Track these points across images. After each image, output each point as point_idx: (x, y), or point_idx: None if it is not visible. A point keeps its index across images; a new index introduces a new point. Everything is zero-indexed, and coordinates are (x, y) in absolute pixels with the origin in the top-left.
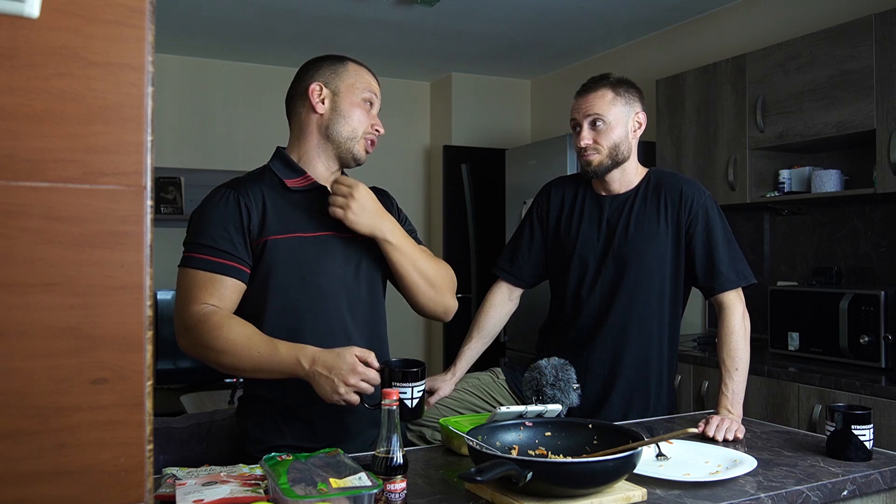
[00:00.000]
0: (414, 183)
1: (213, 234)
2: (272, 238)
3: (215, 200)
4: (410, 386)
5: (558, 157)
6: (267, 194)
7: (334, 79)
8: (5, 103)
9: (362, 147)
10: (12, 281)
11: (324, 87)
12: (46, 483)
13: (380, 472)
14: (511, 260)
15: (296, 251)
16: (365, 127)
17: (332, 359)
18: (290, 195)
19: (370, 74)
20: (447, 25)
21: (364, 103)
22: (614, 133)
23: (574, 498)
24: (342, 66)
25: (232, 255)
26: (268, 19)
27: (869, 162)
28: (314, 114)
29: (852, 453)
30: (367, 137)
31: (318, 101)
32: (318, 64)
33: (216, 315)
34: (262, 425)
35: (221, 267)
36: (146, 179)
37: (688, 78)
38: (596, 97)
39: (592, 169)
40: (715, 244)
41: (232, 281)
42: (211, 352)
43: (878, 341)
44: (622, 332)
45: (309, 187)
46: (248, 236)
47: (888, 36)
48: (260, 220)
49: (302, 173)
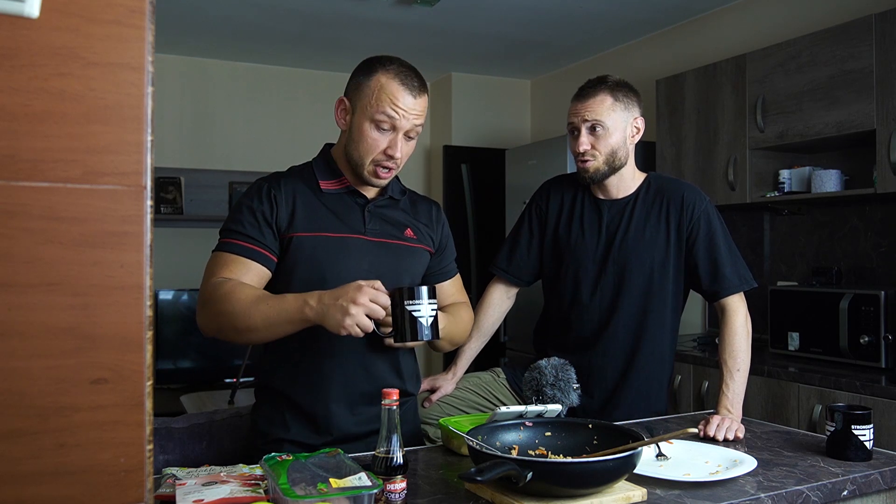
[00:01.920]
0: (414, 183)
1: (244, 221)
2: (298, 235)
3: (251, 191)
4: (423, 303)
5: (558, 157)
6: (300, 191)
7: (355, 93)
8: (5, 103)
9: (371, 173)
10: (12, 281)
11: (346, 102)
12: (46, 483)
13: (380, 472)
14: (509, 258)
15: (320, 249)
16: (373, 153)
17: (337, 289)
18: (323, 195)
19: (400, 87)
20: (447, 25)
21: (374, 128)
22: (612, 139)
23: (574, 498)
24: (367, 78)
25: (260, 241)
26: (268, 19)
27: (869, 162)
28: (342, 129)
29: (852, 453)
30: (377, 163)
31: (340, 118)
32: (355, 73)
33: (229, 283)
34: (269, 418)
35: (249, 251)
36: (146, 179)
37: (688, 78)
38: (595, 102)
39: (589, 175)
40: (717, 249)
41: (257, 266)
42: (223, 316)
43: (878, 341)
44: (625, 336)
45: (342, 190)
46: (276, 229)
47: (888, 36)
48: (289, 216)
49: (338, 176)
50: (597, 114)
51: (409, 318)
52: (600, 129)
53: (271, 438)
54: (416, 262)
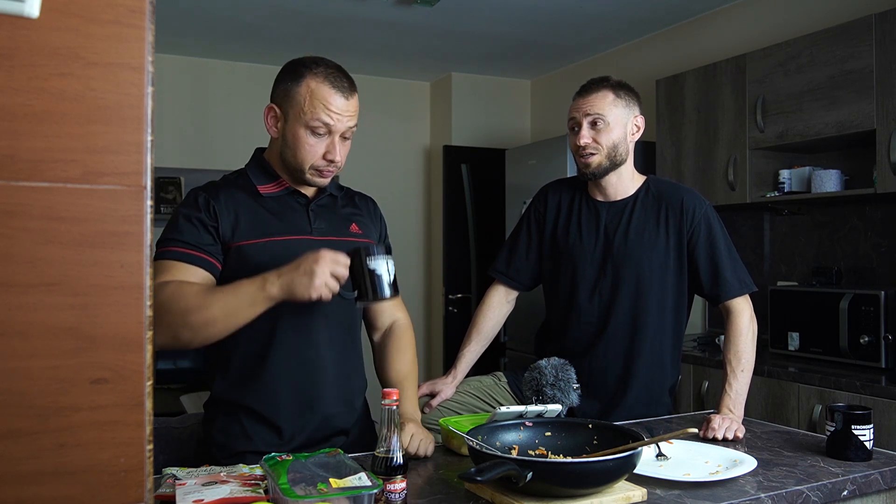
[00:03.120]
0: (414, 183)
1: (182, 229)
2: (244, 243)
3: (187, 203)
4: (385, 258)
5: (558, 157)
6: (240, 198)
7: (285, 101)
8: (5, 103)
9: (313, 176)
10: (12, 281)
11: (276, 109)
12: (46, 483)
13: (380, 472)
14: (508, 263)
15: (267, 254)
16: (312, 159)
17: (295, 261)
18: (264, 200)
19: (331, 90)
20: (447, 25)
21: (310, 133)
22: (614, 133)
23: (574, 498)
24: (296, 84)
25: (201, 248)
26: (268, 19)
27: (869, 162)
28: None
29: (852, 453)
30: (317, 168)
31: (271, 126)
32: (280, 79)
33: (170, 284)
34: (227, 430)
35: (191, 257)
36: (146, 179)
37: (688, 78)
38: (597, 97)
39: (591, 170)
40: (718, 253)
41: (201, 272)
42: (171, 316)
43: (878, 341)
44: (622, 339)
45: (282, 192)
46: (218, 238)
47: (888, 36)
48: (231, 225)
49: (276, 178)
50: (598, 108)
51: (369, 275)
52: (602, 123)
53: (234, 451)
54: None
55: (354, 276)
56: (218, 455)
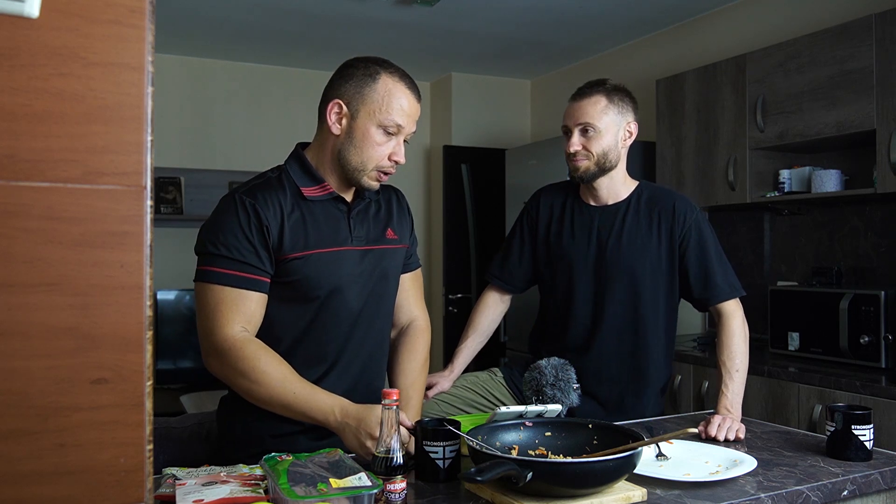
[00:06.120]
0: (414, 183)
1: (233, 244)
2: (289, 257)
3: (233, 209)
4: (442, 445)
5: (558, 157)
6: (284, 205)
7: (357, 99)
8: (5, 103)
9: (371, 179)
10: (12, 281)
11: (344, 106)
12: (46, 483)
13: (380, 472)
14: (502, 267)
15: (312, 267)
16: (377, 161)
17: (362, 411)
18: (307, 204)
19: (407, 91)
20: (447, 25)
21: (382, 133)
22: (604, 140)
23: (574, 498)
24: (371, 83)
25: (255, 267)
26: (268, 19)
27: (869, 162)
28: (331, 133)
29: (852, 453)
30: (380, 170)
31: (334, 122)
32: (350, 75)
33: (252, 344)
34: (248, 425)
35: (246, 282)
36: (146, 179)
37: (688, 78)
38: (589, 104)
39: (580, 175)
40: (708, 258)
41: (258, 295)
42: (244, 380)
43: (878, 341)
44: (617, 342)
45: (326, 197)
46: (270, 252)
47: (888, 36)
48: (278, 235)
49: (320, 181)
50: (588, 116)
51: (425, 456)
52: (592, 131)
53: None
54: (397, 262)
55: (416, 448)
56: (233, 452)
